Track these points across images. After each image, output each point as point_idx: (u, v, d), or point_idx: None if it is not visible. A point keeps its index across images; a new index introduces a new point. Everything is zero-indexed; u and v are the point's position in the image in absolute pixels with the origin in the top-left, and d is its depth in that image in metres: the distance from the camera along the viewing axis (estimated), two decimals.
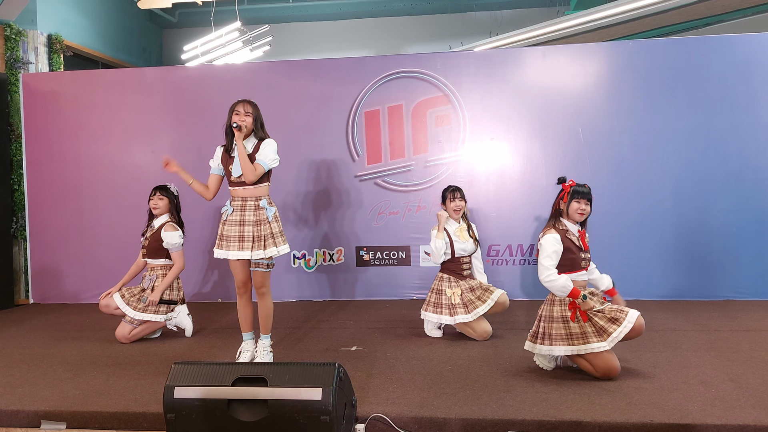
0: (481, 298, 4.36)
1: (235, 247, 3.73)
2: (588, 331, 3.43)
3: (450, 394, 3.23)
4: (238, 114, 3.74)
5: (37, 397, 3.35)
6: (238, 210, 3.77)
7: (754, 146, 5.52)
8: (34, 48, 6.80)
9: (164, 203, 4.67)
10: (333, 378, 2.68)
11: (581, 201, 3.56)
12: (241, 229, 3.74)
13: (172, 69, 6.69)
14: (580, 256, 3.56)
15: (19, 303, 6.35)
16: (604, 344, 3.38)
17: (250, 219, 3.74)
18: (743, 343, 4.10)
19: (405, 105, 5.94)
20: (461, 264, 4.45)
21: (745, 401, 3.02)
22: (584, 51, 5.85)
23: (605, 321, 3.43)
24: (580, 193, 3.57)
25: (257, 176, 3.71)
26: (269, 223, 3.76)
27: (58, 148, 6.29)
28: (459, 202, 4.47)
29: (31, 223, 6.34)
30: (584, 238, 3.63)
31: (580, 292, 3.47)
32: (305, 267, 6.07)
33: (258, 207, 3.76)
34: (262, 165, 3.72)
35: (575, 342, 3.44)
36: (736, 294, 5.52)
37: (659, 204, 5.61)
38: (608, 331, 3.40)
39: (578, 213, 3.57)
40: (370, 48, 11.15)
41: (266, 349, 3.91)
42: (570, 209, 3.59)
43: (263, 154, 3.73)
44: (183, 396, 2.73)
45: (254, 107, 3.80)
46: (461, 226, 4.49)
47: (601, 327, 3.42)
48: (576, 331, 3.45)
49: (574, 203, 3.57)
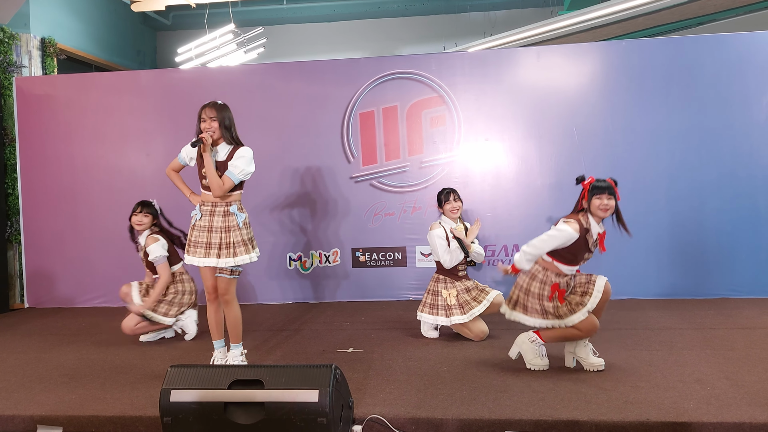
0: (476, 298, 4.37)
1: (202, 253, 3.60)
2: (563, 311, 3.52)
3: (447, 395, 3.23)
4: (204, 121, 3.58)
5: (33, 401, 3.34)
6: (207, 215, 3.62)
7: (747, 144, 5.54)
8: (27, 51, 6.78)
9: (148, 220, 4.60)
10: (330, 380, 2.68)
11: (602, 196, 3.44)
12: (208, 235, 3.60)
13: (167, 72, 6.68)
14: (584, 256, 3.54)
15: (14, 307, 6.32)
16: (579, 315, 3.47)
17: (219, 225, 3.60)
18: (738, 340, 4.12)
19: (400, 106, 5.95)
20: (457, 265, 4.46)
21: (741, 399, 3.03)
22: (578, 51, 5.87)
23: (579, 296, 3.53)
24: (599, 188, 3.45)
25: (224, 191, 3.56)
26: (239, 229, 3.62)
27: (52, 151, 6.27)
28: (456, 203, 4.47)
29: (26, 227, 6.31)
30: (603, 241, 3.55)
31: (517, 271, 3.61)
32: (301, 269, 6.07)
33: (228, 213, 3.61)
34: (231, 178, 3.55)
35: (549, 317, 3.55)
36: (730, 292, 5.54)
37: (654, 203, 5.63)
38: (583, 303, 3.49)
39: (601, 209, 3.45)
40: (364, 49, 11.16)
41: (237, 359, 3.77)
42: (592, 207, 3.48)
43: (234, 165, 3.56)
44: (179, 399, 2.73)
45: (218, 109, 3.60)
46: (458, 227, 4.50)
47: (577, 302, 3.51)
48: (550, 310, 3.54)
49: (595, 200, 3.46)
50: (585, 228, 3.48)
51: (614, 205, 3.48)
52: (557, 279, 3.56)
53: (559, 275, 3.58)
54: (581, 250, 3.50)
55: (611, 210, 3.47)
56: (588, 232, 3.49)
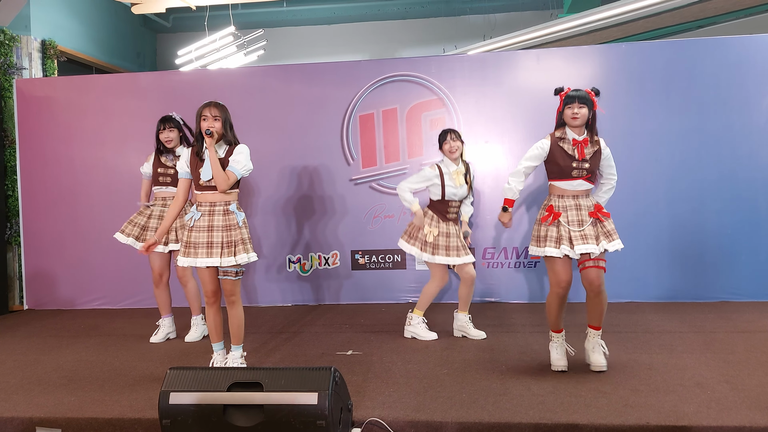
0: (449, 247, 4.38)
1: (204, 253, 3.55)
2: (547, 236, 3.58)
3: (446, 398, 3.23)
4: (206, 119, 3.56)
5: (32, 403, 3.34)
6: (206, 215, 3.60)
7: (747, 147, 5.54)
8: (27, 53, 6.79)
9: (175, 134, 4.60)
10: (329, 382, 2.67)
11: (573, 105, 3.51)
12: (209, 235, 3.57)
13: (167, 74, 6.68)
14: (570, 165, 3.54)
15: (14, 309, 6.32)
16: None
17: (219, 224, 3.58)
18: (738, 344, 4.11)
19: (399, 108, 5.95)
20: (448, 206, 4.43)
21: (741, 403, 3.03)
22: (578, 54, 5.87)
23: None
24: (570, 98, 3.53)
25: (229, 185, 3.58)
26: (239, 228, 3.62)
27: (52, 153, 6.27)
28: (454, 143, 4.42)
29: (26, 228, 6.31)
30: (584, 147, 3.54)
31: (511, 204, 3.73)
32: (300, 271, 6.06)
33: (228, 212, 3.61)
34: (235, 173, 3.58)
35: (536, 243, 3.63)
36: (731, 295, 5.54)
37: (654, 205, 5.63)
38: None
39: (572, 118, 3.52)
40: (364, 52, 11.17)
41: (237, 360, 3.73)
42: (565, 116, 3.56)
43: (236, 161, 3.59)
44: (178, 402, 2.73)
45: (222, 109, 3.62)
46: (459, 168, 4.44)
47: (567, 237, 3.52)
48: (541, 234, 3.59)
49: (567, 110, 3.54)
50: (558, 137, 3.58)
51: (585, 114, 3.52)
52: (555, 202, 3.59)
53: (561, 197, 3.59)
54: (561, 158, 3.55)
55: (582, 118, 3.52)
56: (562, 140, 3.57)
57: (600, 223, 3.56)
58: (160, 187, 4.70)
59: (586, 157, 3.55)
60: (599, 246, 3.49)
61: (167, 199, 4.69)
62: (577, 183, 3.56)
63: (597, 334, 3.65)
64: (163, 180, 4.66)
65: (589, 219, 3.53)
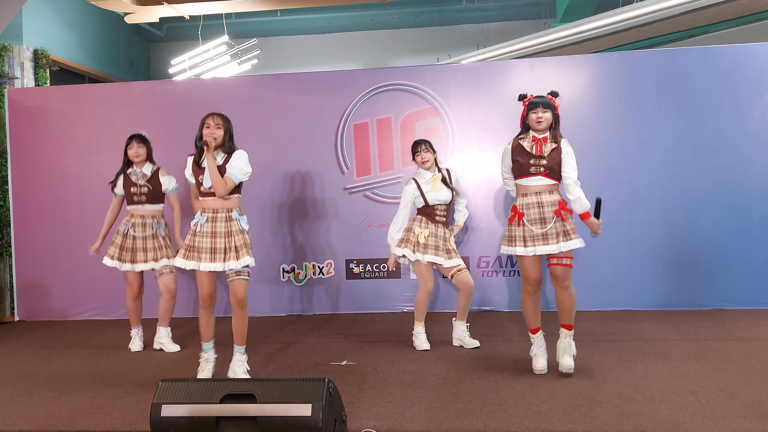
0: (439, 248, 4.41)
1: (207, 258, 3.68)
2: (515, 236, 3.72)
3: (441, 408, 3.21)
4: (208, 127, 3.69)
5: (23, 416, 3.30)
6: (210, 221, 3.71)
7: (739, 154, 5.56)
8: (20, 63, 6.77)
9: (144, 151, 4.72)
10: (323, 393, 2.65)
11: (537, 110, 3.69)
12: (213, 241, 3.69)
13: (160, 83, 6.68)
14: (528, 161, 3.67)
15: (5, 320, 6.26)
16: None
17: (222, 230, 3.70)
18: (733, 352, 4.11)
19: (393, 117, 5.95)
20: (434, 210, 4.50)
21: (736, 411, 3.02)
22: (571, 63, 5.90)
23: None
24: (533, 104, 3.71)
25: (227, 190, 3.68)
26: (242, 233, 3.74)
27: (44, 163, 6.23)
28: (425, 155, 4.51)
29: (17, 238, 6.27)
30: (542, 145, 3.67)
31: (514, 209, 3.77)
32: (294, 280, 6.04)
33: (230, 218, 3.72)
34: (232, 178, 3.68)
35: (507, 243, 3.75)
36: (725, 303, 5.54)
37: (648, 213, 5.64)
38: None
39: (536, 122, 3.68)
40: (358, 61, 11.20)
41: (242, 359, 3.83)
42: (529, 121, 3.73)
43: (233, 166, 3.68)
44: (170, 414, 2.70)
45: (224, 119, 3.76)
46: (435, 176, 4.51)
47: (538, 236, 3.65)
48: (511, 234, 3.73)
49: (531, 114, 3.71)
50: (519, 138, 3.76)
51: (549, 117, 3.70)
52: (519, 201, 3.73)
53: (525, 195, 3.72)
54: (521, 156, 3.70)
55: (546, 122, 3.69)
56: (523, 139, 3.73)
57: (562, 222, 3.65)
58: (135, 206, 4.70)
59: (543, 154, 3.68)
60: (566, 244, 3.61)
61: (146, 217, 4.69)
62: (536, 179, 3.69)
63: (569, 334, 3.72)
64: (138, 199, 4.68)
65: (553, 217, 3.64)
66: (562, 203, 3.67)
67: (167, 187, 4.68)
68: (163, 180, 4.68)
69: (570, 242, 3.62)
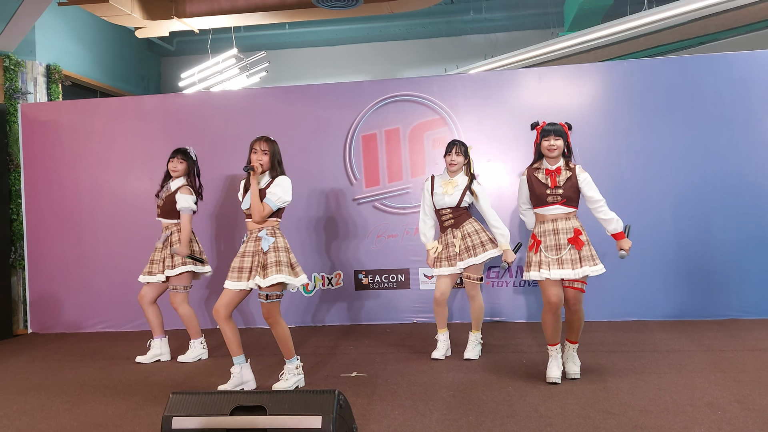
0: (450, 257, 4.41)
1: (235, 277, 3.80)
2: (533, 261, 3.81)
3: (452, 420, 3.18)
4: (255, 152, 3.83)
5: (35, 429, 3.31)
6: (247, 242, 3.86)
7: (752, 164, 5.52)
8: (33, 78, 6.84)
9: (183, 167, 4.77)
10: (333, 406, 2.64)
11: (549, 138, 3.79)
12: (241, 260, 3.81)
13: (171, 96, 6.72)
14: (544, 192, 3.78)
15: (18, 333, 6.30)
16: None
17: (251, 250, 3.81)
18: (748, 363, 4.06)
19: (402, 128, 5.96)
20: (440, 214, 4.50)
21: (753, 423, 2.98)
22: (579, 72, 5.89)
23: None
24: (546, 131, 3.81)
25: (263, 217, 3.79)
26: (273, 251, 3.76)
27: (56, 177, 6.29)
28: (454, 157, 4.45)
29: (30, 252, 6.32)
30: (555, 176, 3.77)
31: (533, 237, 3.86)
32: (304, 292, 6.04)
33: (258, 238, 3.81)
34: (270, 204, 3.78)
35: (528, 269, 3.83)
36: (739, 313, 5.48)
37: (660, 223, 5.59)
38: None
39: (549, 150, 3.79)
40: (366, 73, 11.24)
41: (293, 372, 3.92)
42: (542, 149, 3.83)
43: (272, 192, 3.79)
44: (181, 426, 2.70)
45: (271, 144, 3.87)
46: (453, 180, 4.47)
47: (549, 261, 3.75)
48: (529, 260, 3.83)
49: (544, 142, 3.82)
50: (534, 168, 3.86)
51: (561, 145, 3.79)
52: (537, 228, 3.85)
53: (542, 222, 3.83)
54: (537, 188, 3.82)
55: (558, 149, 3.80)
56: (537, 170, 3.84)
57: (577, 248, 3.73)
58: (159, 218, 4.86)
59: (558, 184, 3.78)
60: (581, 270, 3.69)
61: (163, 230, 4.82)
62: (554, 208, 3.79)
63: (573, 347, 3.93)
64: (157, 212, 4.86)
65: (568, 244, 3.73)
66: (577, 231, 3.75)
67: (181, 205, 4.70)
68: (178, 197, 4.70)
69: (583, 269, 3.70)
